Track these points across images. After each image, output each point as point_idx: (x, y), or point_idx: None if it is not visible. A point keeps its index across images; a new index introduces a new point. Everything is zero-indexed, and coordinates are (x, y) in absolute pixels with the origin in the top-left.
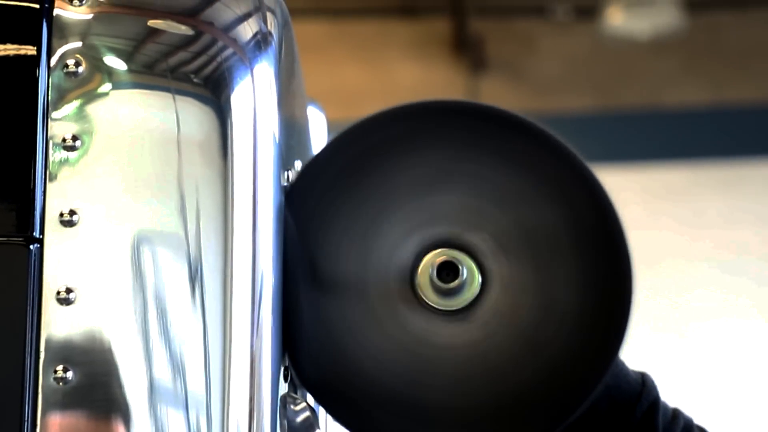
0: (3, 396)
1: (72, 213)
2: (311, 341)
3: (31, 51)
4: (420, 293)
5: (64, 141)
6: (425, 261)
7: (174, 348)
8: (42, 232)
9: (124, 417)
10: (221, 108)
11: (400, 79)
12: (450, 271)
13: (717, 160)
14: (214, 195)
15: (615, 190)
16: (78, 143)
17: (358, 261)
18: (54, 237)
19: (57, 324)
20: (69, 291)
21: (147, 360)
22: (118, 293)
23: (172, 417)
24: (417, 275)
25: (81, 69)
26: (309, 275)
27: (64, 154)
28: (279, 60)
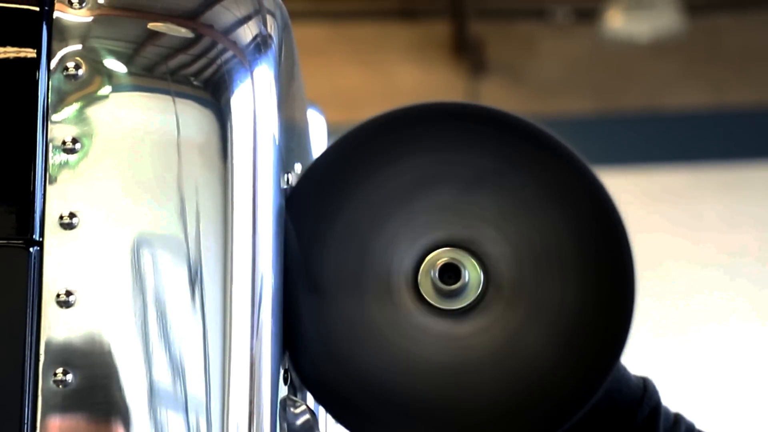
0: (3, 399)
1: (72, 216)
2: (312, 343)
3: (31, 54)
4: (421, 295)
5: (64, 144)
6: (426, 262)
7: (174, 350)
8: (42, 234)
9: (123, 420)
10: (221, 111)
11: (400, 82)
12: (452, 273)
13: (717, 162)
14: (214, 198)
15: (615, 192)
16: (78, 146)
17: (358, 262)
18: (54, 240)
19: (57, 327)
20: (69, 294)
21: (147, 363)
22: (117, 296)
23: (171, 420)
24: (418, 277)
25: (81, 72)
26: (309, 277)
27: (64, 156)
28: (279, 63)
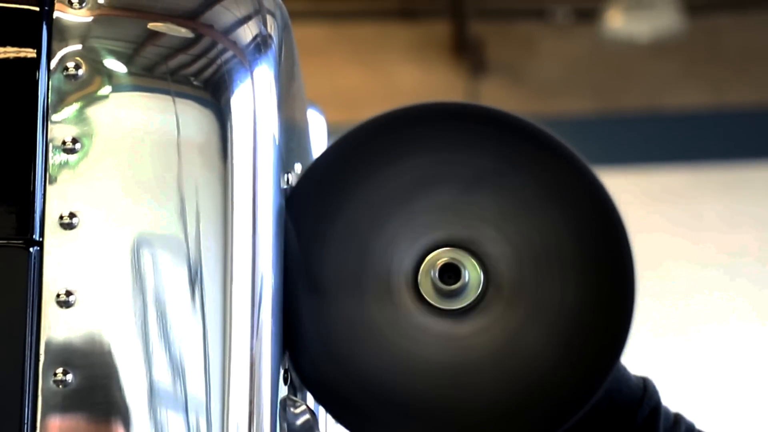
0: (3, 399)
1: (72, 215)
2: (312, 343)
3: (31, 54)
4: (421, 295)
5: (64, 144)
6: (426, 262)
7: (174, 351)
8: (42, 234)
9: (123, 420)
10: (221, 111)
11: (400, 82)
12: (452, 273)
13: (717, 162)
14: (214, 198)
15: (615, 192)
16: (78, 146)
17: (358, 262)
18: (54, 240)
19: (57, 327)
20: (69, 294)
21: (147, 363)
22: (117, 296)
23: (171, 420)
24: (418, 277)
25: (81, 72)
26: (309, 277)
27: (64, 156)
28: (279, 63)
